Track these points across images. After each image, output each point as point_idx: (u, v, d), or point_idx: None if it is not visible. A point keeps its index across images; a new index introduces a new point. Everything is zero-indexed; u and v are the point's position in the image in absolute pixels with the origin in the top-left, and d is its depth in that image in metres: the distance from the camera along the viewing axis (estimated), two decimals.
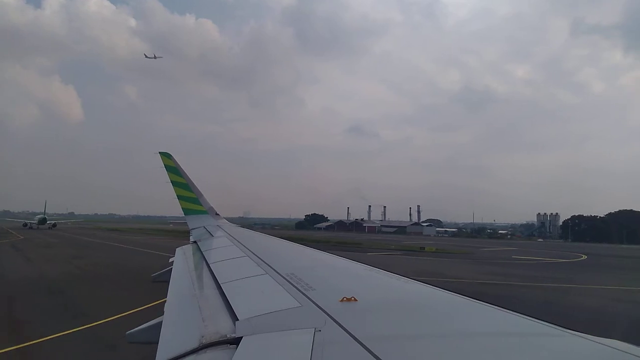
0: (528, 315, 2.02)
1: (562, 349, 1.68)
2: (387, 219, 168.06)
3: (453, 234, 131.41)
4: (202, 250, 5.37)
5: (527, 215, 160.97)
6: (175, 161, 9.31)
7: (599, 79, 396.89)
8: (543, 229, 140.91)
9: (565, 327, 1.84)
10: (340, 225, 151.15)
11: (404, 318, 2.02)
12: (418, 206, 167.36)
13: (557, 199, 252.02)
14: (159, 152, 9.34)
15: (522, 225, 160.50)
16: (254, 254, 4.25)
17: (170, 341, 2.03)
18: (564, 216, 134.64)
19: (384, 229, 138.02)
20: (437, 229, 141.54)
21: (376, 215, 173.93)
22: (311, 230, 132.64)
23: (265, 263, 3.58)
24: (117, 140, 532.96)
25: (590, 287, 23.20)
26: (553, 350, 1.66)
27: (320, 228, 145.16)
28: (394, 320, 1.97)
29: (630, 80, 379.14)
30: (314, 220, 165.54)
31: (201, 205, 9.37)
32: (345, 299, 2.16)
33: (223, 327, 1.99)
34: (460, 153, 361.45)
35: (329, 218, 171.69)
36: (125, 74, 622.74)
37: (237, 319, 2.04)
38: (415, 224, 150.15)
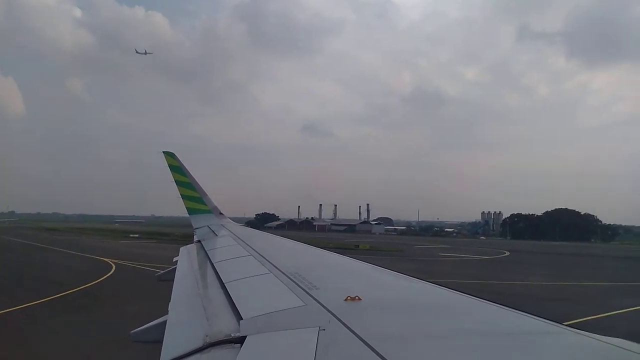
0: (536, 315, 1.99)
1: (569, 348, 1.68)
2: (337, 217, 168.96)
3: (401, 232, 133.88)
4: (206, 249, 5.32)
5: (476, 213, 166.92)
6: (179, 160, 9.13)
7: (544, 83, 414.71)
8: (487, 227, 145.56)
9: (573, 327, 1.82)
10: (291, 224, 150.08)
11: (409, 317, 2.02)
12: (367, 205, 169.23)
13: (506, 197, 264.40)
14: (163, 152, 9.16)
15: (470, 224, 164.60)
16: (258, 253, 4.23)
17: (175, 340, 2.02)
18: (508, 214, 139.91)
19: (334, 228, 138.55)
20: (387, 227, 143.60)
21: (328, 214, 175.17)
22: (261, 229, 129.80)
23: (269, 262, 3.56)
24: (61, 134, 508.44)
25: (490, 282, 24.35)
26: (561, 350, 1.66)
27: (271, 227, 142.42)
28: (398, 320, 1.97)
29: (572, 85, 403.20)
30: (264, 219, 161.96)
31: (205, 204, 9.25)
32: (349, 298, 2.14)
33: (227, 326, 1.98)
34: (412, 153, 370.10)
35: (280, 217, 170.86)
36: (70, 66, 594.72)
37: (242, 318, 2.02)
38: (365, 222, 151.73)
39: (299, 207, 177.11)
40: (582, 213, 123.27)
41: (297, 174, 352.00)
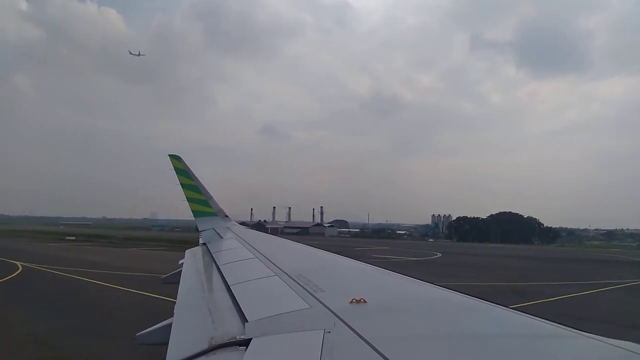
0: (542, 318, 1.97)
1: (577, 351, 1.66)
2: (291, 220, 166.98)
3: (354, 235, 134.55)
4: (211, 252, 5.33)
5: (430, 216, 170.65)
6: (184, 163, 9.16)
7: (496, 91, 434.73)
8: (437, 230, 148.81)
9: (581, 330, 1.80)
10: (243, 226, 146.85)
11: (414, 320, 2.00)
12: (321, 207, 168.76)
13: (459, 201, 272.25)
14: (169, 155, 9.14)
15: (422, 226, 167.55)
16: (263, 255, 4.23)
17: (180, 343, 2.04)
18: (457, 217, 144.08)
19: (287, 230, 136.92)
20: (340, 229, 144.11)
21: (282, 217, 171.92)
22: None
23: (274, 265, 3.57)
24: (5, 131, 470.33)
25: None
26: (569, 353, 1.64)
27: None
28: (404, 322, 1.95)
29: (522, 94, 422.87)
30: None
31: (211, 207, 9.29)
32: (354, 300, 2.13)
33: (232, 328, 1.99)
34: (369, 157, 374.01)
35: (233, 220, 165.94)
36: (15, 61, 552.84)
37: (247, 321, 2.03)
38: (318, 224, 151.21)
39: (251, 209, 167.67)
40: (524, 216, 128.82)
41: (253, 177, 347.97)
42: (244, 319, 2.07)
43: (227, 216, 9.57)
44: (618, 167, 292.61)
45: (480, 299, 2.36)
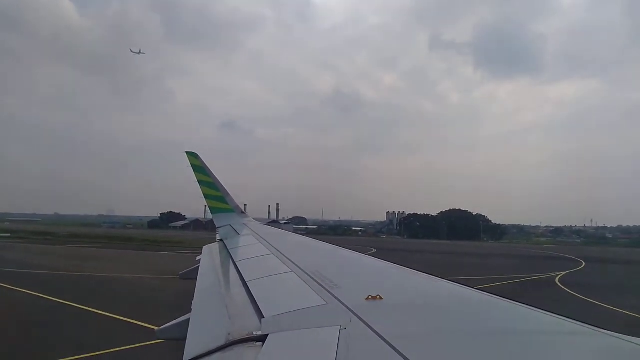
0: (561, 315, 1.94)
1: (595, 348, 1.64)
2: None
3: (310, 231, 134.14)
4: (228, 248, 5.42)
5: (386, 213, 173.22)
6: (201, 160, 9.26)
7: (454, 91, 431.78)
8: (391, 226, 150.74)
9: (599, 327, 1.77)
10: (197, 224, 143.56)
11: (430, 317, 1.99)
12: (277, 204, 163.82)
13: (417, 198, 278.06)
14: (186, 152, 9.27)
15: (380, 223, 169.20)
16: (279, 252, 4.27)
17: (198, 338, 2.08)
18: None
19: None
20: (298, 226, 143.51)
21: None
22: (165, 229, 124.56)
23: (291, 261, 3.58)
24: None
25: None
26: (587, 350, 1.63)
27: (177, 227, 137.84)
28: (420, 319, 1.95)
29: (480, 94, 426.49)
30: (170, 218, 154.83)
31: (227, 204, 9.34)
32: (370, 297, 2.12)
33: (249, 324, 2.00)
34: (330, 154, 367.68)
35: (187, 216, 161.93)
36: None
37: (263, 317, 2.04)
38: (274, 221, 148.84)
39: (205, 206, 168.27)
40: (473, 214, 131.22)
41: (215, 172, 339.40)
42: (260, 315, 2.09)
43: (243, 212, 9.57)
44: (570, 167, 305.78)
45: (498, 296, 2.33)
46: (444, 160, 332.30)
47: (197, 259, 5.51)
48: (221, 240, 6.50)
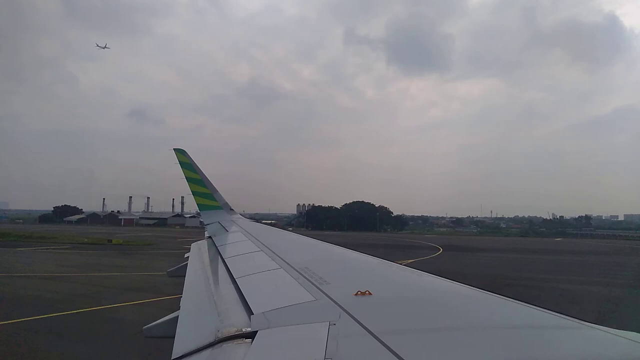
0: (549, 309, 1.99)
1: (586, 342, 1.66)
2: (151, 210, 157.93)
3: None
4: (217, 245, 5.45)
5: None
6: (189, 157, 9.21)
7: (369, 86, 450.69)
8: (301, 219, 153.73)
9: (585, 320, 1.81)
10: (93, 218, 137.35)
11: (419, 312, 2.01)
12: (182, 197, 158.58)
13: (331, 190, 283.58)
14: (174, 149, 9.22)
15: (293, 216, 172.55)
16: (268, 248, 4.29)
17: (186, 335, 2.06)
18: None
19: (143, 222, 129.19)
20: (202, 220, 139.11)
21: (141, 207, 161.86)
22: (58, 224, 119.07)
23: (280, 257, 3.61)
24: None
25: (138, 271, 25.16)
26: (571, 343, 1.65)
27: (71, 221, 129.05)
28: (409, 314, 1.96)
29: (393, 90, 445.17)
30: (64, 212, 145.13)
31: (216, 200, 9.31)
32: (359, 292, 2.14)
33: (238, 321, 2.02)
34: (245, 145, 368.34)
35: (83, 210, 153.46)
36: None
37: (252, 313, 2.05)
38: (178, 215, 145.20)
39: (103, 199, 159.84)
40: (376, 205, 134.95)
41: (116, 163, 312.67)
42: (249, 312, 2.09)
43: (232, 209, 9.52)
44: (474, 161, 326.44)
45: (486, 291, 2.35)
46: (358, 153, 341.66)
47: (185, 256, 5.47)
48: (210, 237, 6.47)
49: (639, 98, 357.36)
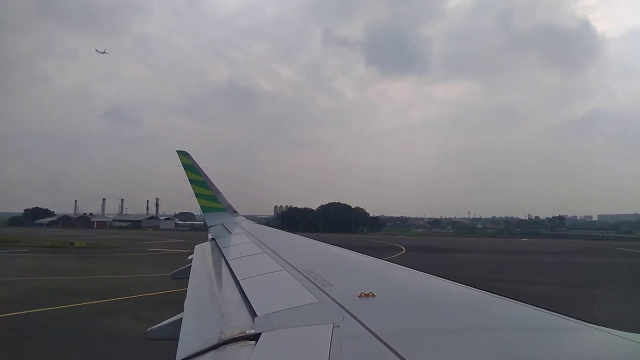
0: (553, 311, 1.98)
1: (590, 344, 1.67)
2: (125, 213, 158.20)
3: (196, 228, 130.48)
4: (220, 247, 5.41)
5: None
6: (192, 159, 9.21)
7: (348, 88, 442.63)
8: (278, 220, 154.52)
9: (590, 322, 1.79)
10: (65, 220, 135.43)
11: (423, 314, 2.00)
12: (157, 199, 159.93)
13: (309, 192, 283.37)
14: (177, 151, 9.24)
15: (270, 217, 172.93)
16: (272, 250, 4.28)
17: (190, 338, 2.06)
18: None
19: (116, 224, 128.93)
20: (183, 222, 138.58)
21: (115, 209, 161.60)
22: (29, 226, 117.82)
23: (283, 259, 3.59)
24: None
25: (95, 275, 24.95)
26: (572, 344, 1.67)
27: (42, 224, 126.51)
28: (413, 316, 1.95)
29: (372, 92, 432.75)
30: (36, 214, 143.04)
31: (219, 202, 9.29)
32: (363, 294, 2.13)
33: (242, 323, 2.00)
34: (224, 147, 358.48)
35: (55, 212, 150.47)
36: None
37: (256, 315, 2.04)
38: (152, 217, 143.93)
39: (75, 201, 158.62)
40: (352, 207, 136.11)
41: (90, 165, 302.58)
42: (253, 314, 2.08)
43: (235, 211, 9.50)
44: (452, 163, 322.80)
45: (491, 292, 2.34)
46: (337, 155, 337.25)
47: (189, 258, 5.48)
48: (213, 239, 6.48)
49: (611, 102, 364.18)
